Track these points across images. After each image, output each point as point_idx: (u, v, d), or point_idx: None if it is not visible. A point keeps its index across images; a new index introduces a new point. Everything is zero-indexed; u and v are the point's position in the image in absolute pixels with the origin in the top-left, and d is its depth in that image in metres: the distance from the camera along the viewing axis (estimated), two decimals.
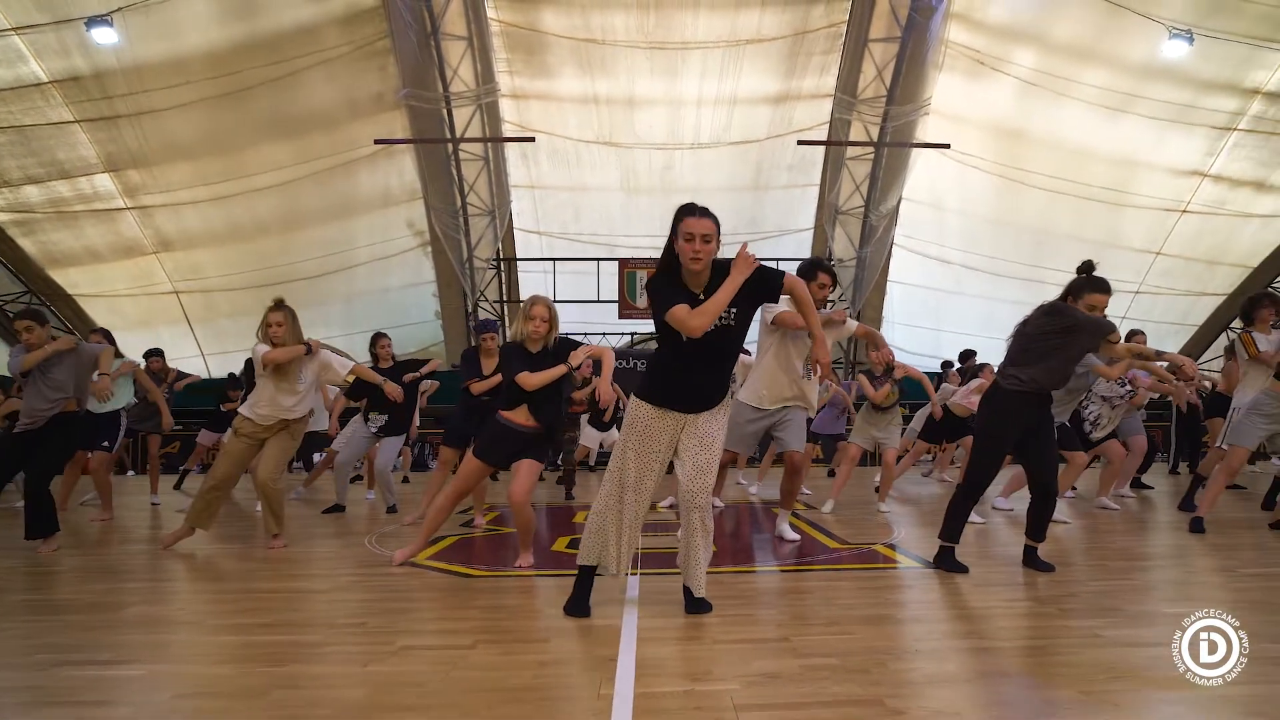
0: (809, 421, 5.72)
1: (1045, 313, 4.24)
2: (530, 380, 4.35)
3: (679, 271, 3.27)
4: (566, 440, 8.68)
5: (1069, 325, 4.13)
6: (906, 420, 9.06)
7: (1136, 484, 8.82)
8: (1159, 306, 16.89)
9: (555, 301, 4.65)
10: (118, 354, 7.23)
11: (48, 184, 14.07)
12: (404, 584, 4.27)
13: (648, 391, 3.38)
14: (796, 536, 5.44)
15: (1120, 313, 16.39)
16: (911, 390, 8.72)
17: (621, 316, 16.08)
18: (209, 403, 10.28)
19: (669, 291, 3.22)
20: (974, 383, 8.03)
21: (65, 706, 2.51)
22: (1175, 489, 7.78)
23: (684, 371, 3.31)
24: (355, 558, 5.03)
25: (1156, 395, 8.56)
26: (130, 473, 12.99)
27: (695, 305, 3.17)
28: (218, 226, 15.19)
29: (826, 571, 4.47)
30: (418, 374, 7.24)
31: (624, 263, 15.80)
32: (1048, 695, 2.47)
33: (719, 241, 3.24)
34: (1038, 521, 4.38)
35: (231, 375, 9.83)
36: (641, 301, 15.74)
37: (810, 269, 5.07)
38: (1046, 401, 4.31)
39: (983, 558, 4.90)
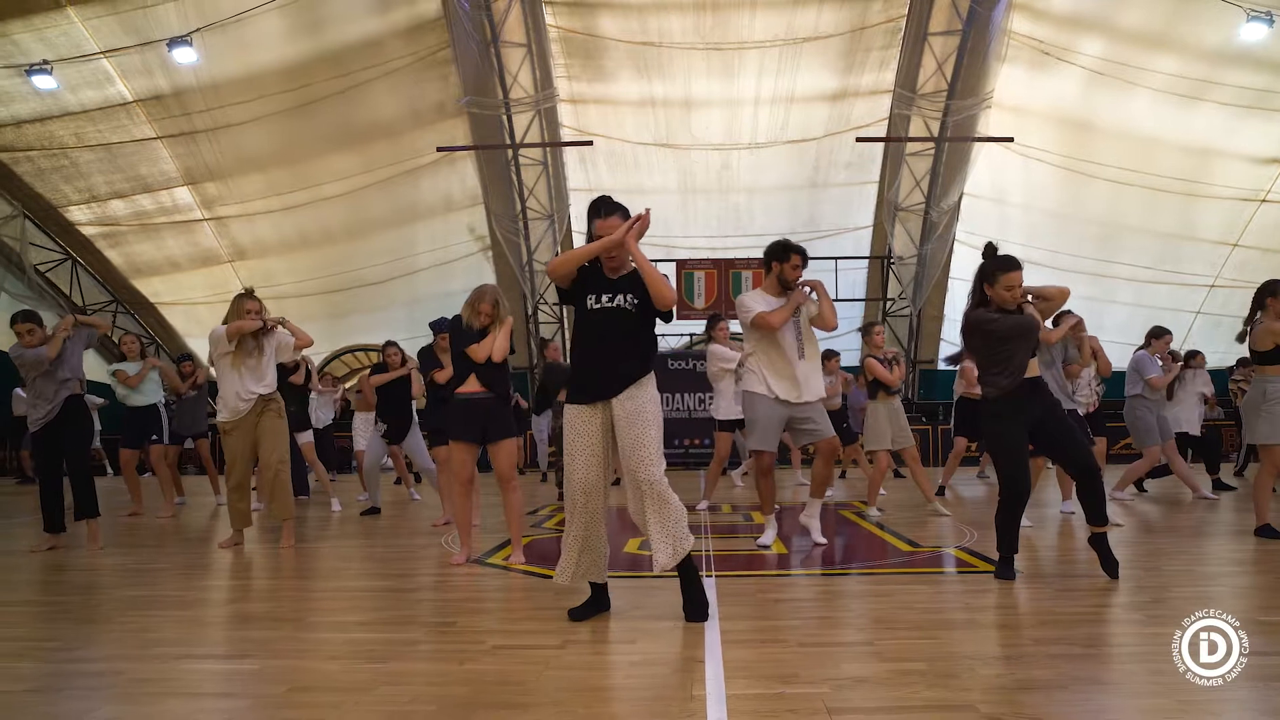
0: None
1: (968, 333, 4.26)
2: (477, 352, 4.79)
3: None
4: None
5: (1001, 336, 4.10)
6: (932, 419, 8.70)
7: (1218, 485, 8.57)
8: (1235, 301, 16.21)
9: None
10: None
11: (132, 198, 14.82)
12: (485, 584, 4.42)
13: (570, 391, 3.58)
14: (821, 539, 5.33)
15: (1195, 307, 15.85)
16: (941, 388, 8.57)
17: (679, 318, 16.09)
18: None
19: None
20: (967, 363, 7.33)
21: (191, 698, 2.68)
22: (1247, 491, 7.55)
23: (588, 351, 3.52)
24: (433, 557, 5.19)
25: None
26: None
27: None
28: (288, 235, 15.77)
29: (903, 575, 4.46)
30: (384, 377, 7.43)
31: (681, 264, 15.84)
32: (1144, 704, 2.46)
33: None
34: (1089, 505, 4.15)
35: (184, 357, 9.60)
36: (699, 303, 15.76)
37: (783, 251, 5.02)
38: (1033, 392, 4.19)
39: (1065, 564, 4.84)
